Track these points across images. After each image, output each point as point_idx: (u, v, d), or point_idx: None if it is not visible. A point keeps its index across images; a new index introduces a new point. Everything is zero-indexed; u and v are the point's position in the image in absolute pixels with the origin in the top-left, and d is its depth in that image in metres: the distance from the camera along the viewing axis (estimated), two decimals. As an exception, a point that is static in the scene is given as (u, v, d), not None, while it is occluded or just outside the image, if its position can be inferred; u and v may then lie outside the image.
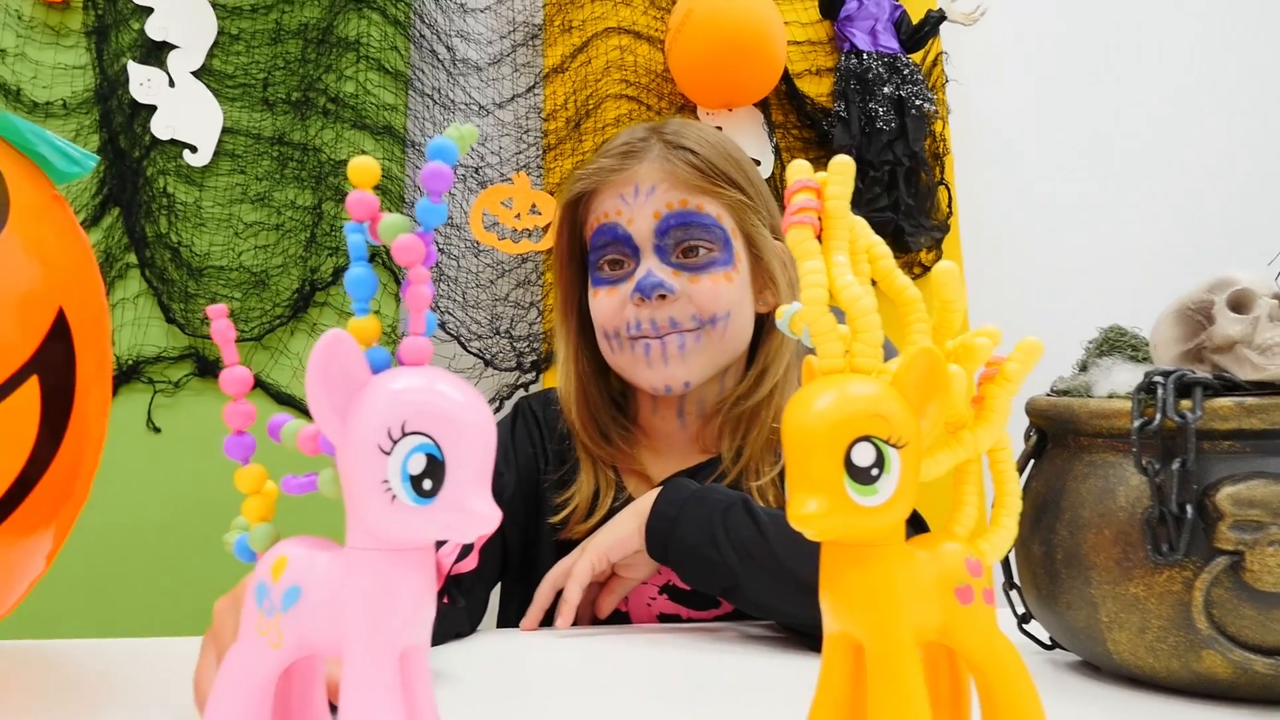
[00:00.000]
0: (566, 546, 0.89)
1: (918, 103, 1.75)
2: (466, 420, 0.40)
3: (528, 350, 1.66)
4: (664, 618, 0.90)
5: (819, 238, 0.47)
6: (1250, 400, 0.58)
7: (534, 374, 1.66)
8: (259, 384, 1.53)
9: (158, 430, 1.51)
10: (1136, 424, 0.59)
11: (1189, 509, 0.57)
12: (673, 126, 0.96)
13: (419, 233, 0.42)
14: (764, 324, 0.97)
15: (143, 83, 1.55)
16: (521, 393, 1.64)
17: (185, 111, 1.56)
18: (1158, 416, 0.58)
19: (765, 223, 0.96)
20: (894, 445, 0.43)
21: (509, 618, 0.99)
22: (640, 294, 0.90)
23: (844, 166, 0.48)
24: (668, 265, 0.92)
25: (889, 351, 0.49)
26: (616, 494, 0.94)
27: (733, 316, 0.92)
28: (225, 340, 0.45)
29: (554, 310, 1.05)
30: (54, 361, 0.55)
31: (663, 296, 0.90)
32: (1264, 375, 0.59)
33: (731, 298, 0.92)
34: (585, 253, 0.97)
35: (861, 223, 0.50)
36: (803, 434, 0.43)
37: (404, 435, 0.39)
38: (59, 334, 0.55)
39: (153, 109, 1.55)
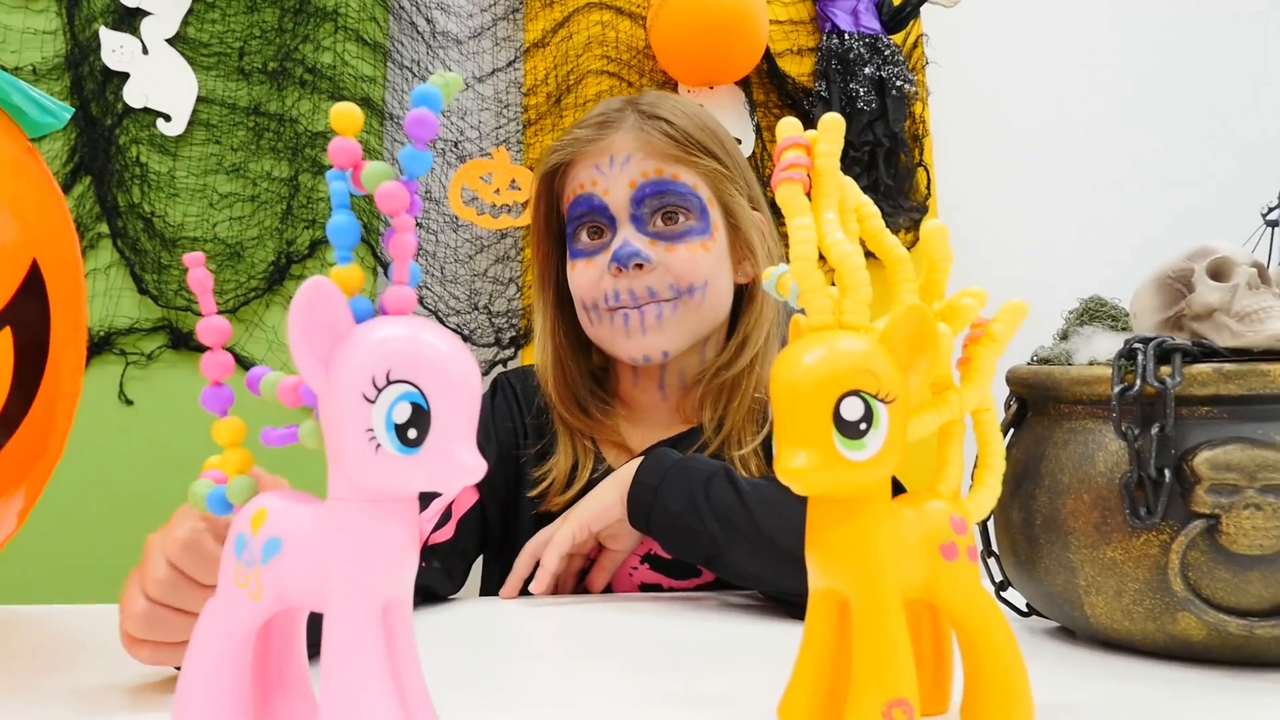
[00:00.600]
0: (546, 520, 0.89)
1: (898, 84, 1.75)
2: (453, 370, 0.40)
3: (506, 326, 1.65)
4: (645, 587, 0.90)
5: (808, 195, 0.47)
6: (1228, 366, 0.58)
7: (512, 349, 1.65)
8: (234, 357, 1.51)
9: (130, 402, 1.49)
10: (1116, 389, 0.59)
11: (1167, 473, 0.57)
12: (649, 98, 0.96)
13: (403, 180, 0.42)
14: (744, 295, 0.97)
15: (115, 49, 1.52)
16: (500, 368, 1.63)
17: (159, 79, 1.53)
18: (1137, 382, 0.59)
19: (743, 193, 0.96)
20: (882, 400, 0.43)
21: (490, 592, 0.99)
22: (617, 264, 0.90)
23: (834, 124, 0.48)
24: (644, 234, 0.92)
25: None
26: (595, 465, 0.94)
27: (710, 285, 0.92)
28: (203, 290, 0.44)
29: (532, 284, 1.04)
30: (27, 314, 0.53)
31: (639, 266, 0.90)
32: (1242, 342, 0.59)
33: (709, 267, 0.92)
34: (563, 226, 0.97)
35: (850, 182, 0.50)
36: (791, 388, 0.43)
37: (389, 383, 0.39)
38: (33, 287, 0.54)
39: (125, 76, 1.52)
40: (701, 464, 0.81)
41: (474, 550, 0.95)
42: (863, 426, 0.42)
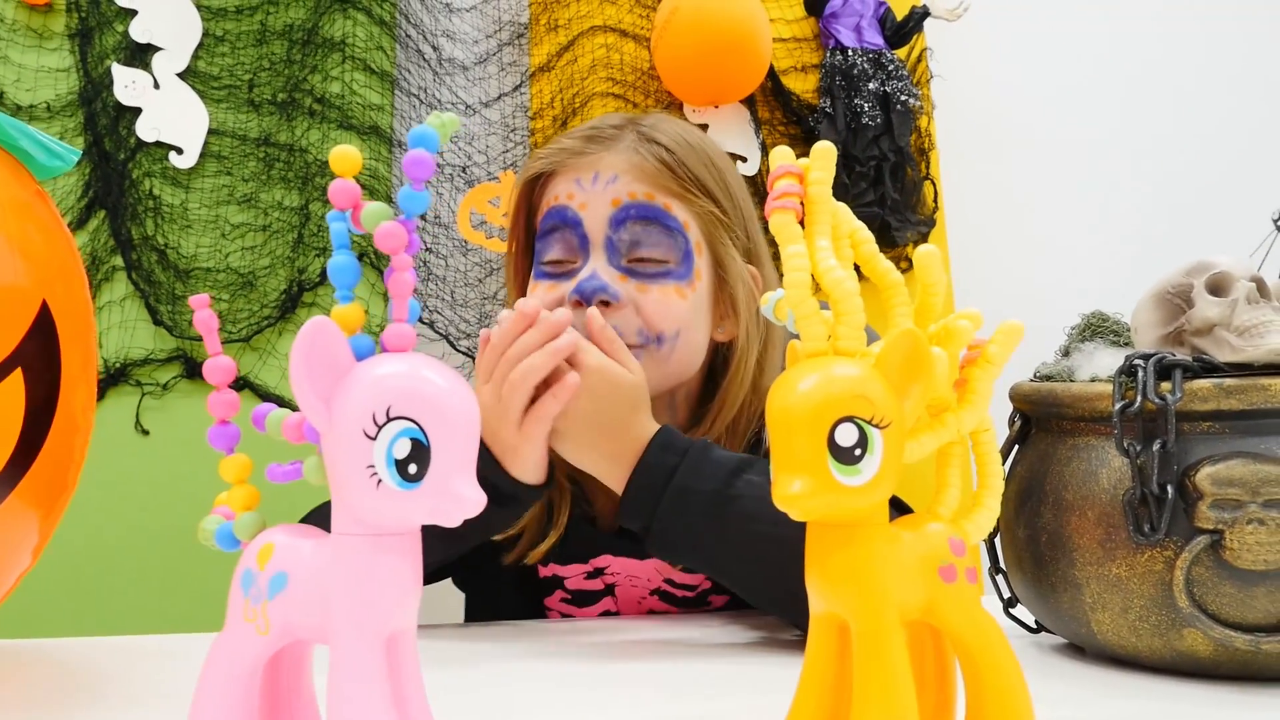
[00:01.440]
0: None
1: (903, 98, 1.76)
2: (451, 405, 0.40)
3: (516, 348, 1.66)
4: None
5: (802, 223, 0.48)
6: (1229, 382, 0.58)
7: (523, 372, 1.66)
8: (247, 385, 1.53)
9: (146, 433, 1.51)
10: (1118, 406, 0.60)
11: (1169, 489, 0.58)
12: (651, 119, 0.87)
13: (401, 220, 0.42)
14: (720, 356, 0.86)
15: (127, 85, 1.54)
16: (511, 391, 1.64)
17: (170, 113, 1.56)
18: (1138, 399, 0.59)
19: (738, 244, 0.85)
20: (877, 426, 0.43)
21: (474, 618, 0.96)
22: (579, 296, 0.79)
23: (825, 152, 0.48)
24: (616, 268, 0.80)
25: (870, 337, 0.50)
26: (574, 505, 0.85)
27: (683, 338, 0.81)
28: (208, 330, 0.45)
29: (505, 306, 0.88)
30: (38, 355, 0.55)
31: (605, 303, 0.78)
32: (1242, 357, 0.60)
33: (683, 315, 0.81)
34: None
35: (844, 208, 0.51)
36: (786, 415, 0.43)
37: (389, 420, 0.39)
38: (43, 328, 0.55)
39: (138, 111, 1.54)
40: (699, 517, 0.72)
41: None
42: (857, 452, 0.43)
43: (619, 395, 0.74)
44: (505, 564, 0.85)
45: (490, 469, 0.73)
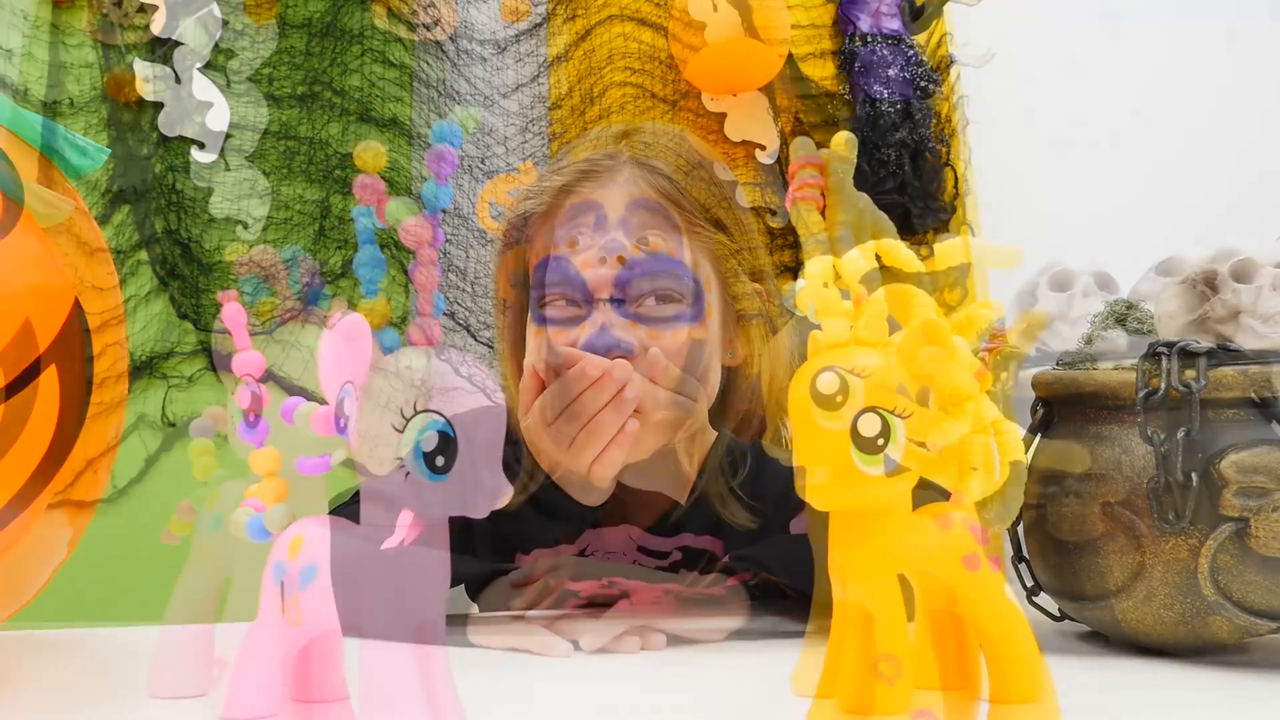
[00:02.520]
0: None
1: (923, 84, 1.75)
2: (477, 397, 0.41)
3: (537, 339, 1.66)
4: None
5: (823, 212, 0.48)
6: (1254, 369, 0.58)
7: (543, 362, 1.66)
8: (271, 377, 1.54)
9: (172, 425, 1.52)
10: (1141, 394, 0.59)
11: (1194, 477, 0.57)
12: (646, 137, 0.82)
13: (425, 214, 0.43)
14: (731, 379, 0.83)
15: (149, 80, 1.56)
16: (531, 381, 1.64)
17: (192, 108, 1.57)
18: (1162, 386, 0.59)
19: (745, 264, 0.82)
20: (899, 415, 0.43)
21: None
22: (590, 352, 0.75)
23: (846, 141, 0.48)
24: (625, 317, 0.77)
25: (891, 327, 0.50)
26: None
27: (701, 380, 0.78)
28: (237, 325, 0.46)
29: (499, 351, 0.87)
30: (71, 351, 0.56)
31: (621, 357, 0.75)
32: (1267, 343, 0.59)
33: (699, 359, 0.78)
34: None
35: (865, 198, 0.51)
36: (809, 405, 0.44)
37: (417, 413, 0.40)
38: (75, 325, 0.56)
39: (159, 106, 1.56)
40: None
41: None
42: (880, 442, 0.43)
43: (680, 427, 0.75)
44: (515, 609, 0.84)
45: (558, 497, 0.75)
